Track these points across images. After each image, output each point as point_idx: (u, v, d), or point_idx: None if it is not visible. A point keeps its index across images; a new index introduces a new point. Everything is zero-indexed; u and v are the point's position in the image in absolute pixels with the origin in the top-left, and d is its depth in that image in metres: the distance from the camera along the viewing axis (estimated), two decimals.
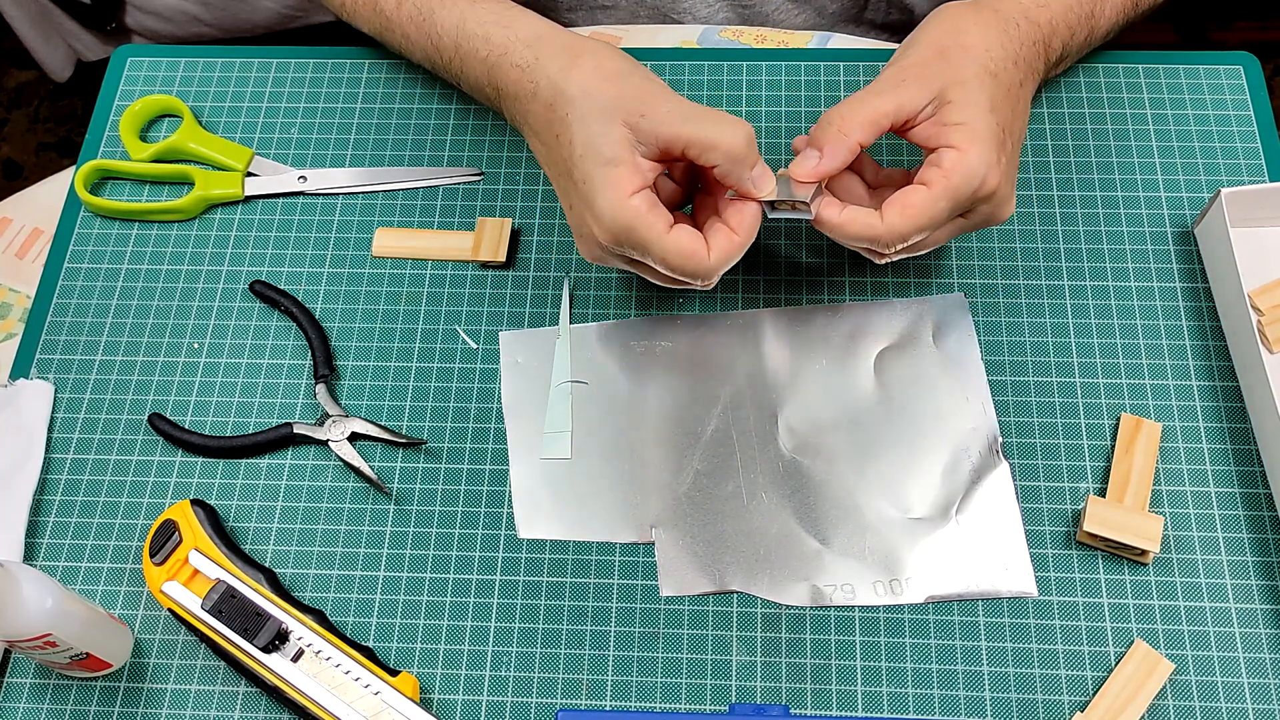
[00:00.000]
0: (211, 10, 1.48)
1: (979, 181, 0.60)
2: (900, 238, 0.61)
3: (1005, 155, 0.62)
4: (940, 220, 0.61)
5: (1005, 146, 0.62)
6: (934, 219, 0.61)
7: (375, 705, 0.61)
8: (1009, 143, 0.63)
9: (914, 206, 0.61)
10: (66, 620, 0.58)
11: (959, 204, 0.61)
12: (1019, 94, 0.64)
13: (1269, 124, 0.77)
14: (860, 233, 0.62)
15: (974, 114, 0.61)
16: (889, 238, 0.61)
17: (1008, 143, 0.62)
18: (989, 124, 0.61)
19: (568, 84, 0.63)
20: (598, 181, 0.61)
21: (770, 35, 0.85)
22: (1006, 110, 0.63)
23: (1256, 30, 1.74)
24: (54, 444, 0.71)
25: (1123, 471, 0.66)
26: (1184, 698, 0.62)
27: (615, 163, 0.61)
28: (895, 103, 0.62)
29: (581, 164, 0.62)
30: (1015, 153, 0.64)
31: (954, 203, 0.61)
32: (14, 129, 1.83)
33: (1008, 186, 0.63)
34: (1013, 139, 0.63)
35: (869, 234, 0.62)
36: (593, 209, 0.61)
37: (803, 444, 0.69)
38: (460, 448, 0.70)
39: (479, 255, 0.75)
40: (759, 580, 0.65)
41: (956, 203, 0.61)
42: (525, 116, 0.66)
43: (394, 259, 0.76)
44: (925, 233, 0.62)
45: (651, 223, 0.61)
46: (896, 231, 0.61)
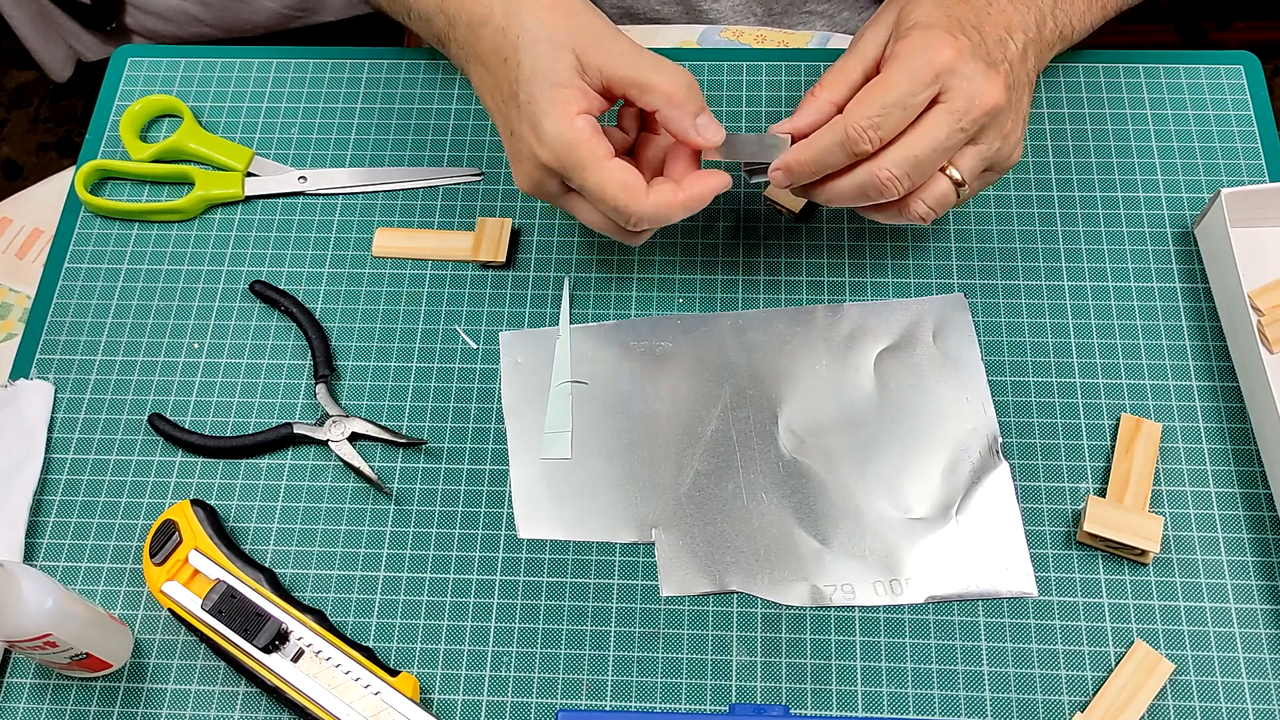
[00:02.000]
0: (211, 10, 1.48)
1: (930, 53, 0.59)
2: (866, 120, 0.59)
3: (968, 38, 0.61)
4: (906, 100, 0.59)
5: (964, 32, 0.61)
6: (897, 97, 0.59)
7: (375, 705, 0.61)
8: (975, 34, 0.61)
9: (869, 88, 0.60)
10: (66, 620, 0.58)
11: (919, 80, 0.59)
12: (985, 7, 0.63)
13: (1269, 124, 0.77)
14: (825, 135, 0.61)
15: (919, 14, 0.62)
16: (855, 118, 0.60)
17: (970, 32, 0.61)
18: (933, 15, 0.61)
19: (522, 10, 0.64)
20: (544, 101, 0.62)
21: (770, 35, 0.85)
22: (965, 11, 0.62)
23: (1256, 30, 1.74)
24: (54, 444, 0.71)
25: (1123, 471, 0.66)
26: (1184, 698, 0.62)
27: (562, 85, 0.62)
28: (857, 55, 0.64)
29: (528, 85, 0.62)
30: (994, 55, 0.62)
31: (911, 78, 0.59)
32: (14, 129, 1.83)
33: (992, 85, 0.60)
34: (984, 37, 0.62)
35: (833, 130, 0.60)
36: (537, 128, 0.62)
37: (803, 444, 0.69)
38: (460, 448, 0.70)
39: (479, 255, 0.75)
40: (759, 580, 0.65)
41: (915, 79, 0.59)
42: (475, 43, 0.66)
43: (394, 259, 0.76)
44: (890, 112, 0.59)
45: (594, 146, 0.62)
46: (860, 113, 0.59)
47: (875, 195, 0.62)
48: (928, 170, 0.61)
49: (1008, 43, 0.63)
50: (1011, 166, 0.65)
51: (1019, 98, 0.63)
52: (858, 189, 0.62)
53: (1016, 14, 0.65)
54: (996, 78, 0.61)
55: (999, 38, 0.63)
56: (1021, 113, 0.64)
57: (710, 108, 0.80)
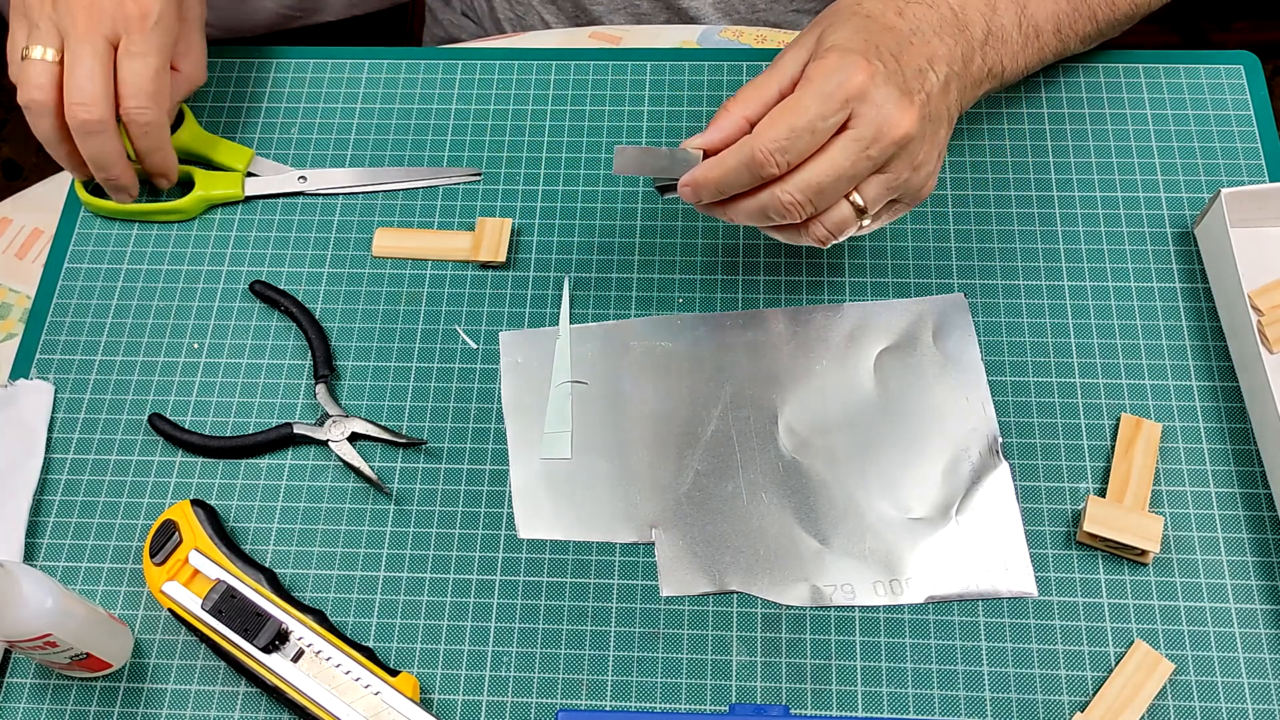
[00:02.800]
0: (211, 10, 1.48)
1: (842, 77, 0.58)
2: (774, 144, 0.58)
3: (882, 64, 0.59)
4: (815, 124, 0.58)
5: (879, 57, 0.60)
6: (806, 121, 0.58)
7: (375, 705, 0.61)
8: (892, 61, 0.60)
9: (779, 110, 0.59)
10: (66, 620, 0.58)
11: (829, 105, 0.58)
12: (907, 37, 0.62)
13: (1269, 124, 0.77)
14: (733, 155, 0.60)
15: (838, 36, 0.61)
16: (762, 141, 0.58)
17: (887, 58, 0.60)
18: (852, 38, 0.60)
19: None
20: None
21: (770, 35, 0.85)
22: (885, 39, 0.61)
23: (1256, 30, 1.74)
24: (54, 444, 0.71)
25: (1123, 471, 0.66)
26: (1184, 698, 0.62)
27: None
28: (776, 73, 0.62)
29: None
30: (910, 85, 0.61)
31: (821, 102, 0.58)
32: (14, 129, 1.83)
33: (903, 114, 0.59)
34: (901, 66, 0.61)
35: (740, 150, 0.59)
36: None
37: (803, 444, 0.69)
38: (460, 448, 0.70)
39: (479, 255, 0.75)
40: (759, 580, 0.65)
41: (825, 103, 0.58)
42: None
43: (394, 259, 0.76)
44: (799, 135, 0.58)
45: None
46: (767, 135, 0.58)
47: (777, 217, 0.62)
48: (831, 196, 0.61)
49: (927, 73, 0.62)
50: (923, 199, 0.64)
51: (935, 130, 0.62)
52: (760, 210, 0.62)
53: (942, 46, 0.63)
54: (910, 107, 0.59)
55: (918, 68, 0.62)
56: (937, 146, 0.63)
57: (710, 109, 0.80)
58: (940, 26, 0.64)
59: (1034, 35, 0.70)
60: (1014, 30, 0.68)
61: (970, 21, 0.66)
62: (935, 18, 0.64)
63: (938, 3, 0.65)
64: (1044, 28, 0.70)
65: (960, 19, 0.65)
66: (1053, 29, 0.71)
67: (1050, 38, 0.71)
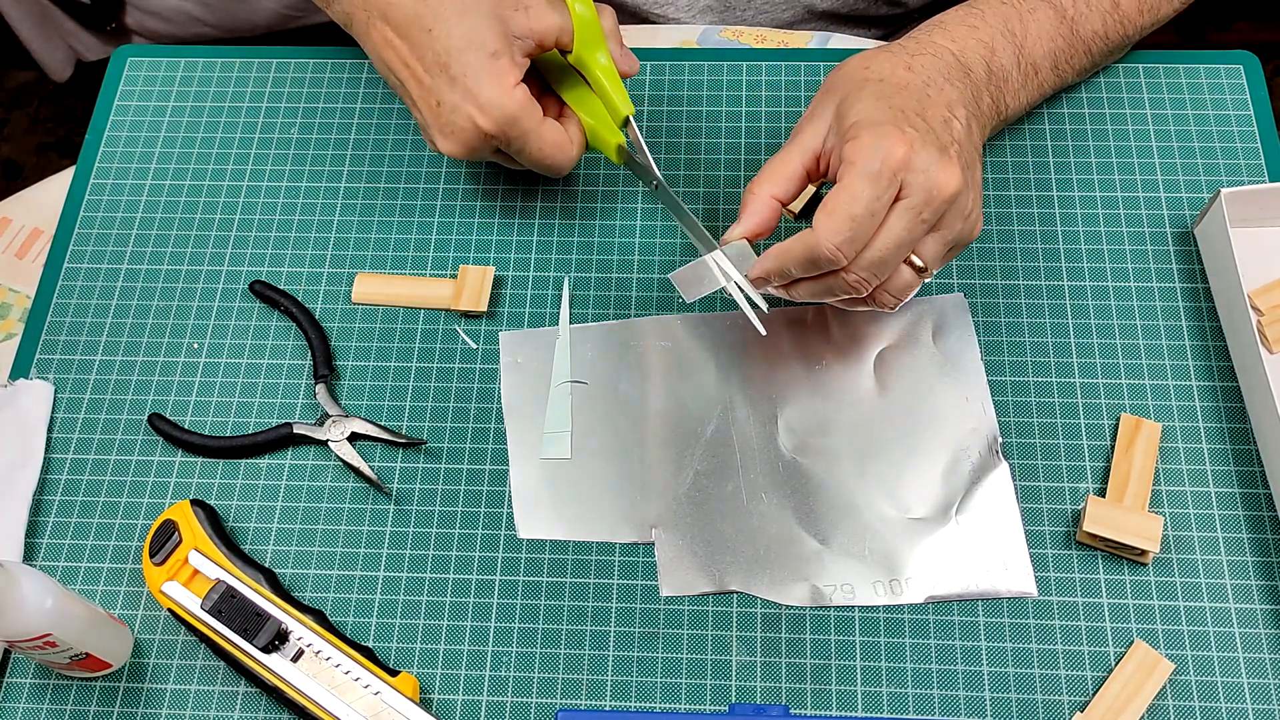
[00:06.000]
0: (211, 10, 1.48)
1: (882, 154, 0.58)
2: (839, 238, 0.58)
3: (915, 129, 0.60)
4: (873, 207, 0.58)
5: (910, 123, 0.60)
6: (864, 208, 0.58)
7: (375, 705, 0.61)
8: (921, 122, 0.61)
9: (834, 200, 0.59)
10: (66, 620, 0.58)
11: (880, 185, 0.58)
12: (923, 91, 0.63)
13: (1269, 124, 0.77)
14: (798, 251, 0.60)
15: (861, 109, 0.61)
16: (827, 238, 0.59)
17: (916, 120, 0.60)
18: (877, 109, 0.61)
19: None
20: (484, 73, 0.65)
21: (770, 35, 0.85)
22: (906, 99, 0.62)
23: (1256, 30, 1.74)
24: (54, 444, 0.71)
25: (1123, 471, 0.66)
26: (1184, 698, 0.62)
27: (499, 55, 0.65)
28: (798, 147, 0.63)
29: (462, 57, 0.65)
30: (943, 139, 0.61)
31: (873, 185, 0.58)
32: (14, 129, 1.83)
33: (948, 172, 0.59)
34: (929, 123, 0.61)
35: (805, 247, 0.60)
36: (478, 100, 0.65)
37: (803, 444, 0.69)
38: (460, 448, 0.70)
39: (459, 305, 0.73)
40: (759, 580, 0.65)
41: (876, 184, 0.58)
42: (386, 10, 0.67)
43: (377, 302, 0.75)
44: (861, 223, 0.58)
45: (532, 112, 0.66)
46: (830, 230, 0.58)
47: (842, 294, 0.62)
48: (893, 266, 0.61)
49: (952, 122, 0.62)
50: (974, 239, 0.65)
51: (973, 174, 0.63)
52: (826, 291, 0.63)
53: (954, 90, 0.64)
54: (951, 163, 0.60)
55: (944, 119, 0.62)
56: (977, 188, 0.63)
57: (710, 108, 0.80)
58: (948, 73, 0.65)
59: (1033, 73, 0.71)
60: (1013, 69, 0.69)
61: (972, 64, 0.67)
62: (941, 66, 0.65)
63: (940, 51, 0.66)
64: (1042, 65, 0.71)
65: (962, 63, 0.66)
66: (1050, 65, 0.72)
67: (1049, 74, 0.72)
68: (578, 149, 0.69)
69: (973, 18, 0.69)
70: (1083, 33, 0.72)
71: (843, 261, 0.60)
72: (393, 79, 0.69)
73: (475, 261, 0.76)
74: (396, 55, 0.67)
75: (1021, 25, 0.70)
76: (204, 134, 0.81)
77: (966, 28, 0.68)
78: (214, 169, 0.80)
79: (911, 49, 0.66)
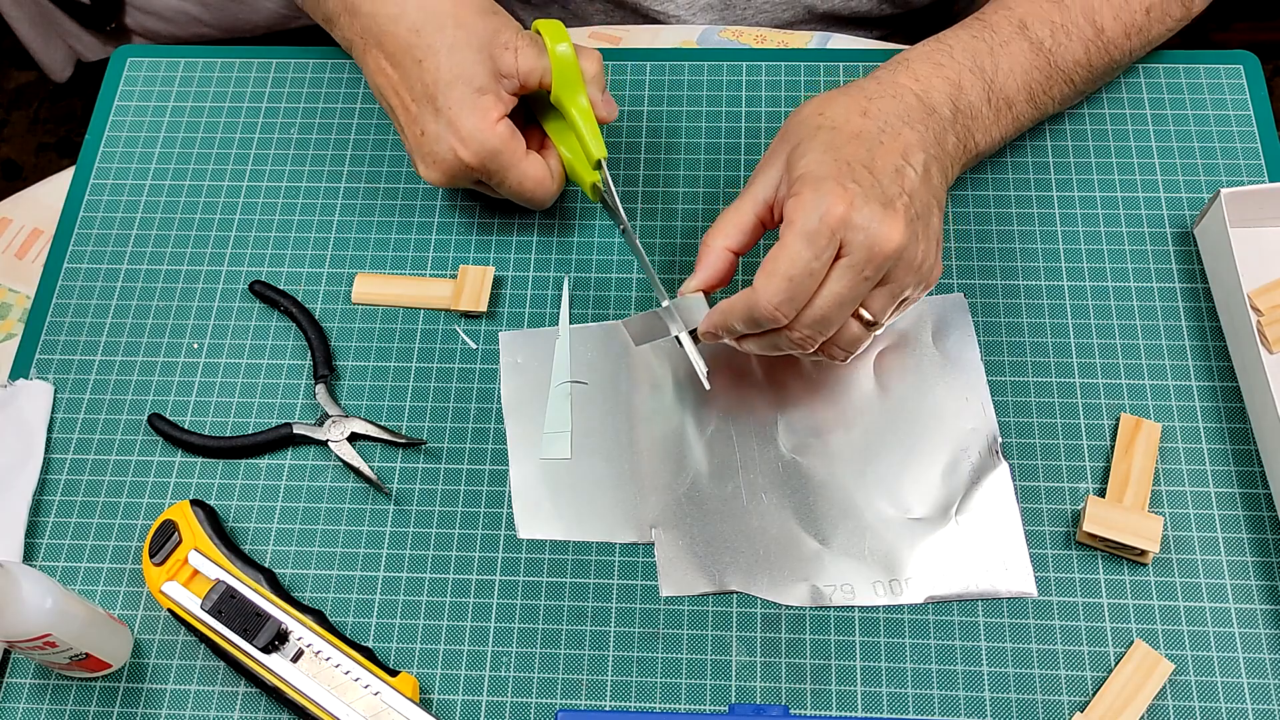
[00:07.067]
0: (211, 10, 1.48)
1: (820, 213, 0.58)
2: (777, 298, 0.58)
3: (858, 183, 0.59)
4: (811, 267, 0.58)
5: (854, 177, 0.59)
6: (802, 268, 0.58)
7: (375, 705, 0.61)
8: (866, 175, 0.59)
9: (773, 261, 0.59)
10: (66, 620, 0.58)
11: (818, 244, 0.58)
12: (876, 139, 0.62)
13: (1269, 124, 0.77)
14: (740, 309, 0.60)
15: (807, 161, 0.60)
16: (766, 299, 0.59)
17: (861, 174, 0.59)
18: (822, 162, 0.60)
19: (438, 11, 0.67)
20: (468, 107, 0.67)
21: (770, 35, 0.85)
22: (856, 150, 0.61)
23: (1256, 30, 1.74)
24: (54, 444, 0.71)
25: (1122, 471, 0.66)
26: (1184, 698, 0.62)
27: (484, 90, 0.67)
28: (750, 197, 0.63)
29: (449, 91, 0.67)
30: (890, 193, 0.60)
31: (810, 244, 0.58)
32: (14, 129, 1.83)
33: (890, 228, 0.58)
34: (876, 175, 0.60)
35: (746, 306, 0.60)
36: (460, 133, 0.67)
37: (803, 444, 0.69)
38: (460, 448, 0.70)
39: (459, 305, 0.73)
40: (759, 580, 0.65)
41: (814, 243, 0.58)
42: (381, 38, 0.68)
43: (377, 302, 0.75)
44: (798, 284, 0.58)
45: (514, 147, 0.68)
46: (768, 290, 0.58)
47: (789, 349, 0.63)
48: (838, 323, 0.61)
49: (905, 170, 0.61)
50: (934, 285, 0.64)
51: (926, 224, 0.61)
52: (772, 346, 0.63)
53: (914, 134, 0.63)
54: (895, 218, 0.59)
55: (895, 167, 0.61)
56: (933, 235, 0.62)
57: (710, 108, 0.80)
58: (907, 115, 0.64)
59: (1005, 107, 0.69)
60: (983, 105, 0.68)
61: (936, 104, 0.65)
62: (901, 108, 0.64)
63: (901, 92, 0.65)
64: (1015, 98, 0.69)
65: (925, 103, 0.65)
66: (1025, 98, 0.70)
67: (1024, 106, 0.70)
68: (557, 184, 0.71)
69: (939, 54, 0.68)
70: (1062, 62, 0.70)
71: (782, 321, 0.60)
72: (385, 103, 0.71)
73: (475, 261, 0.76)
74: (388, 82, 0.69)
75: (992, 60, 0.68)
76: (204, 134, 0.81)
77: (932, 65, 0.67)
78: (214, 169, 0.80)
79: (870, 91, 0.65)
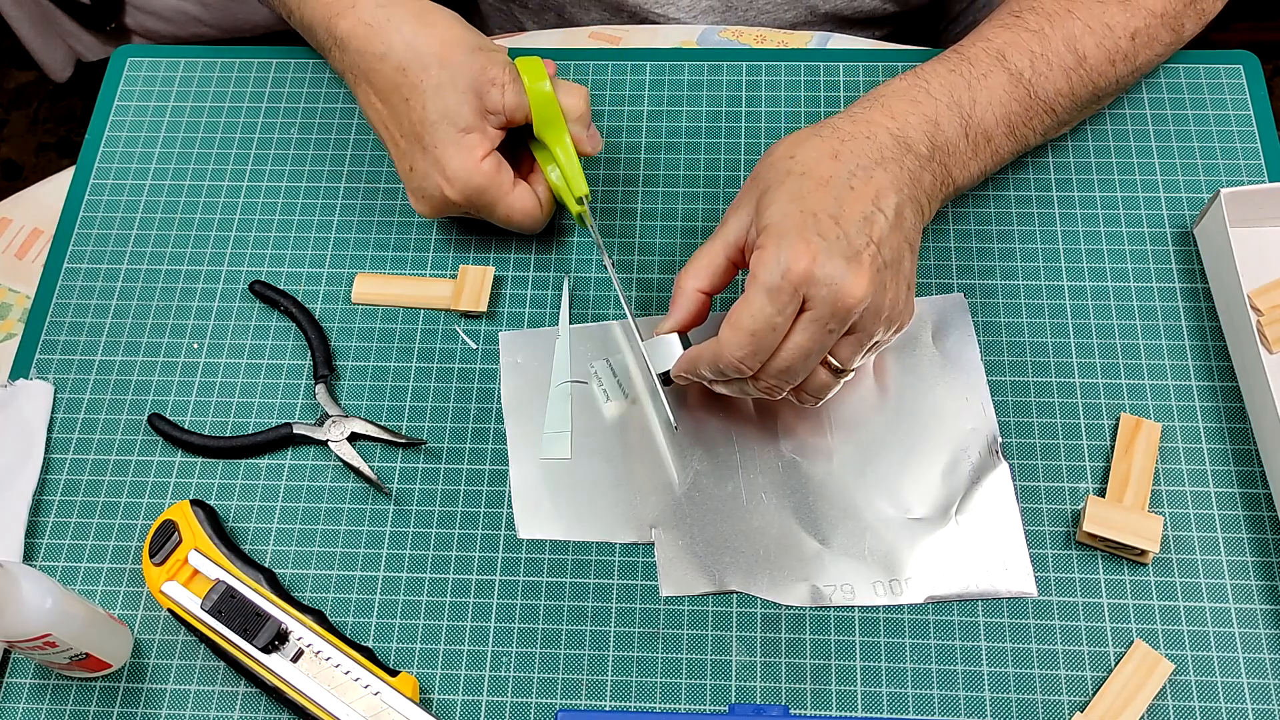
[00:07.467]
0: (211, 10, 1.48)
1: (783, 268, 0.57)
2: (740, 352, 0.59)
3: (822, 237, 0.58)
4: (773, 321, 0.58)
5: (819, 230, 0.58)
6: (764, 323, 0.58)
7: (375, 705, 0.61)
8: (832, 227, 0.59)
9: (736, 314, 0.59)
10: (66, 620, 0.58)
11: (781, 300, 0.58)
12: (845, 184, 0.60)
13: (1269, 124, 0.77)
14: (705, 357, 0.61)
15: (774, 211, 0.60)
16: (729, 352, 0.59)
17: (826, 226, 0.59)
18: (788, 213, 0.59)
19: (424, 51, 0.67)
20: (452, 147, 0.67)
21: (770, 35, 0.85)
22: (823, 199, 0.60)
23: (1256, 30, 1.74)
24: (54, 444, 0.71)
25: (1122, 471, 0.66)
26: (1184, 698, 0.62)
27: (469, 129, 0.67)
28: (721, 240, 0.64)
29: (434, 130, 0.67)
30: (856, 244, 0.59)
31: (773, 299, 0.58)
32: (14, 129, 1.83)
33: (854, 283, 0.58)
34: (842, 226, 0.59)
35: (711, 355, 0.60)
36: (445, 172, 0.68)
37: (802, 444, 0.69)
38: (460, 448, 0.70)
39: (459, 305, 0.73)
40: (759, 580, 0.65)
41: (777, 298, 0.58)
42: (369, 73, 0.69)
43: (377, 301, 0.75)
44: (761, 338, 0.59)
45: (500, 182, 0.69)
46: (732, 344, 0.59)
47: (758, 396, 0.63)
48: (803, 373, 0.61)
49: (875, 217, 0.60)
50: (905, 327, 0.64)
51: (895, 272, 0.60)
52: (741, 391, 0.63)
53: (886, 176, 0.62)
54: (860, 271, 0.58)
55: (863, 216, 0.59)
56: (904, 281, 0.61)
57: (710, 108, 0.80)
58: (880, 157, 0.62)
59: (984, 142, 0.68)
60: (961, 140, 0.66)
61: (912, 141, 0.64)
62: (873, 149, 0.63)
63: (874, 131, 0.64)
64: (994, 132, 0.68)
65: (901, 142, 0.64)
66: (1005, 131, 0.68)
67: (1003, 140, 0.69)
68: (546, 211, 0.72)
69: (916, 90, 0.66)
70: (1043, 93, 0.69)
71: (747, 372, 0.60)
72: (377, 133, 0.72)
73: (475, 261, 0.76)
74: (378, 116, 0.70)
75: (970, 94, 0.67)
76: (204, 134, 0.81)
77: (908, 101, 0.65)
78: (214, 169, 0.80)
79: (845, 132, 0.63)
